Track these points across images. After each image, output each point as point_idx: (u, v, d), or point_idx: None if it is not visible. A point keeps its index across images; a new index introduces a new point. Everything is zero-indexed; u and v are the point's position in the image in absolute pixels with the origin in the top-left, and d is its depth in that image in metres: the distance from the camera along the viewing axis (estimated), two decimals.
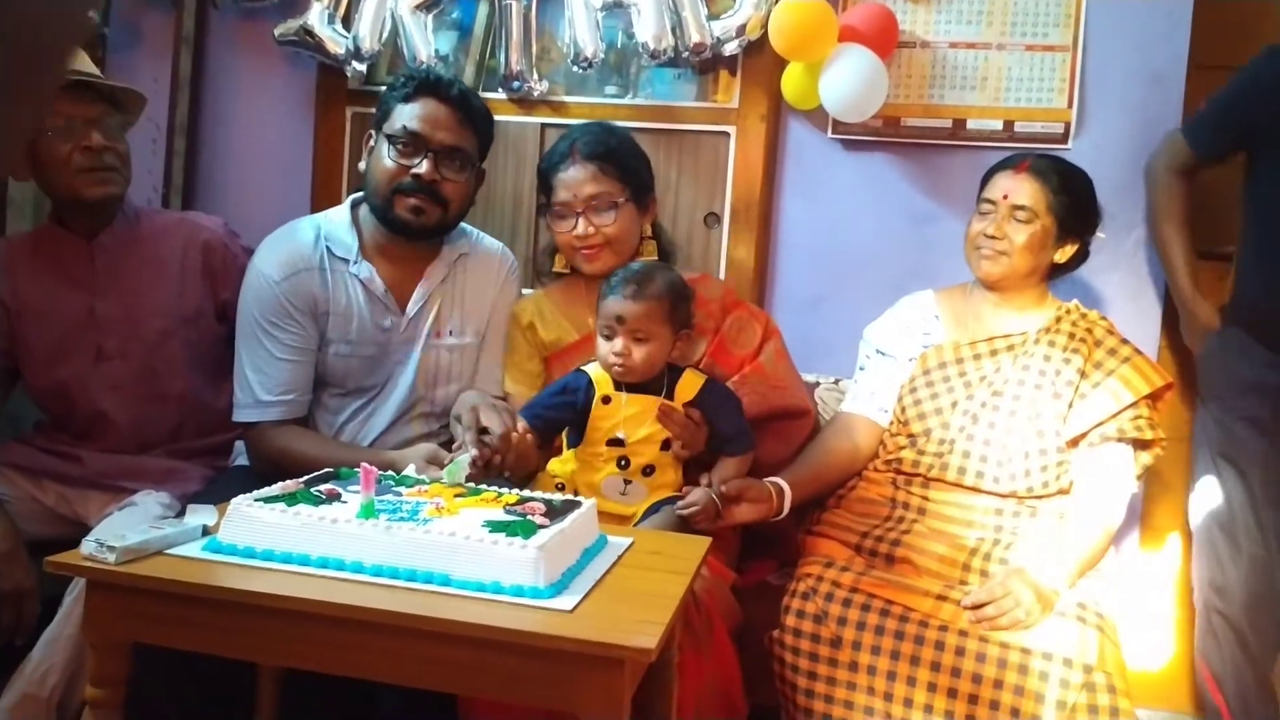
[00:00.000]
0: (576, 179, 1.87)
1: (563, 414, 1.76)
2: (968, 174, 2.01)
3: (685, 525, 1.67)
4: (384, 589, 1.19)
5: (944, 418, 1.88)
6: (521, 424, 1.65)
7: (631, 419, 1.72)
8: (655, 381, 1.74)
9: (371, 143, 1.87)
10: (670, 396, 1.74)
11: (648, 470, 1.74)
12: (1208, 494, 2.06)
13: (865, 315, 2.09)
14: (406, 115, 1.80)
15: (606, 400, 1.73)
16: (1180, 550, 2.26)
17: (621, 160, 1.90)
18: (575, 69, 2.35)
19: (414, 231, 1.84)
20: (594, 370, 1.76)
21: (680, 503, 1.67)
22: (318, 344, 1.86)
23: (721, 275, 2.37)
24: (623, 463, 1.73)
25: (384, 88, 1.89)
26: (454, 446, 1.63)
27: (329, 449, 1.79)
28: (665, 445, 1.74)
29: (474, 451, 1.56)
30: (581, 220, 1.86)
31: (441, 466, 1.55)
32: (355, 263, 1.86)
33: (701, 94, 2.41)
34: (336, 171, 2.57)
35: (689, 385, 1.76)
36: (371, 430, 1.89)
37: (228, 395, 1.92)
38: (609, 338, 1.70)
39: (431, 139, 1.80)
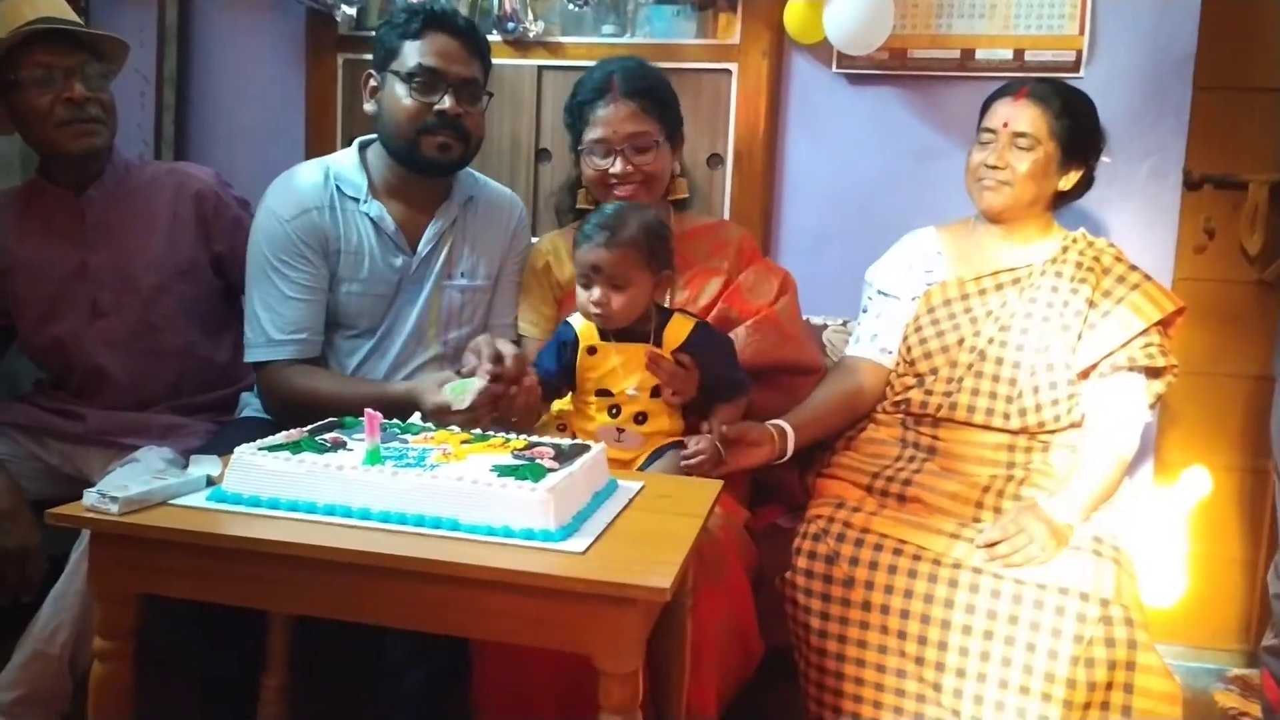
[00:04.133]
0: (617, 116, 1.83)
1: (560, 371, 1.73)
2: (977, 106, 1.95)
3: (688, 474, 1.65)
4: (393, 534, 1.17)
5: (951, 356, 1.85)
6: (531, 375, 1.62)
7: (619, 368, 1.69)
8: (643, 327, 1.70)
9: (374, 83, 1.84)
10: (659, 342, 1.70)
11: (640, 418, 1.71)
12: None
13: (873, 255, 2.05)
14: (419, 52, 1.76)
15: (592, 351, 1.70)
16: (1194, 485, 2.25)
17: (660, 99, 1.87)
18: (571, 7, 2.30)
19: (441, 168, 1.82)
20: (578, 322, 1.72)
21: (685, 452, 1.65)
22: (329, 283, 1.84)
23: (726, 217, 2.33)
24: (614, 411, 1.71)
25: (380, 28, 1.84)
26: (464, 373, 1.59)
27: (342, 384, 1.77)
28: (655, 392, 1.71)
29: (486, 379, 1.54)
30: (620, 159, 1.83)
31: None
32: (365, 201, 1.84)
33: (701, 31, 2.35)
34: (329, 119, 2.53)
35: (678, 329, 1.71)
36: (382, 373, 1.86)
37: (227, 349, 1.89)
38: (587, 286, 1.66)
39: (449, 73, 1.77)
